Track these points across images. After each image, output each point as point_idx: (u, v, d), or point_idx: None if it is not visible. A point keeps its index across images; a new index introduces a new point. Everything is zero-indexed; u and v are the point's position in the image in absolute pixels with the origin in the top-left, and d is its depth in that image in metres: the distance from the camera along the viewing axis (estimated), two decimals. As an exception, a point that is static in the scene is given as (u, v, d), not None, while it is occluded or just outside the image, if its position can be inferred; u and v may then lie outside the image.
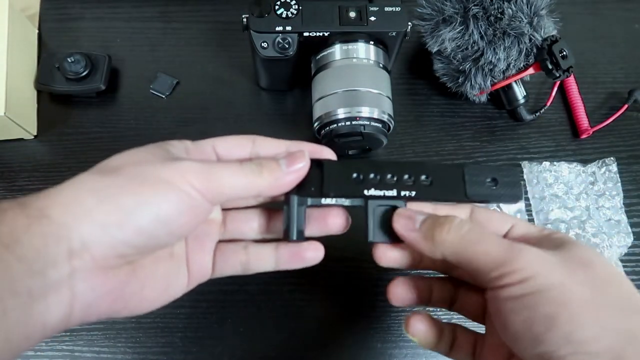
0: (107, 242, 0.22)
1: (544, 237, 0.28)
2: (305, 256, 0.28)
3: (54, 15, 0.52)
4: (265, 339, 0.42)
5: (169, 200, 0.23)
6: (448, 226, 0.27)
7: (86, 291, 0.22)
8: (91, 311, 0.23)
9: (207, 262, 0.29)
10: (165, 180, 0.23)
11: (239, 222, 0.30)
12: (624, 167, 0.49)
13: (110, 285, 0.23)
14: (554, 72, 0.44)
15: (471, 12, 0.43)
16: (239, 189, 0.25)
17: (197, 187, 0.23)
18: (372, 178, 0.28)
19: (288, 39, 0.42)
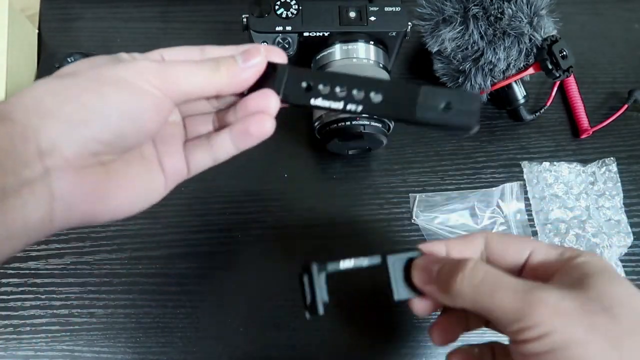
0: (76, 140, 0.22)
1: (564, 263, 0.26)
2: (250, 130, 0.27)
3: (54, 15, 0.52)
4: (265, 339, 0.42)
5: (131, 97, 0.23)
6: (461, 275, 0.26)
7: (63, 190, 0.22)
8: (72, 213, 0.23)
9: (179, 161, 0.28)
10: (124, 78, 0.23)
11: (197, 124, 0.30)
12: (624, 167, 0.49)
13: (86, 185, 0.23)
14: (554, 72, 0.44)
15: (471, 12, 0.43)
16: (197, 86, 0.25)
17: (156, 84, 0.24)
18: (321, 88, 0.27)
19: (288, 39, 0.42)
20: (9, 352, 0.41)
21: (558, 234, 0.47)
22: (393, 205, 0.47)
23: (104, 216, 0.25)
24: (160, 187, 0.28)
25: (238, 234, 0.45)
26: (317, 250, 0.45)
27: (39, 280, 0.43)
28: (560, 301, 0.23)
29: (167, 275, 0.44)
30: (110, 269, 0.43)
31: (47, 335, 0.41)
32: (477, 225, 0.46)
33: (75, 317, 0.42)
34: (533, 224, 0.47)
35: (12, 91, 0.43)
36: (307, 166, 0.48)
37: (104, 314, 0.42)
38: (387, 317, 0.43)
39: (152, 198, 0.27)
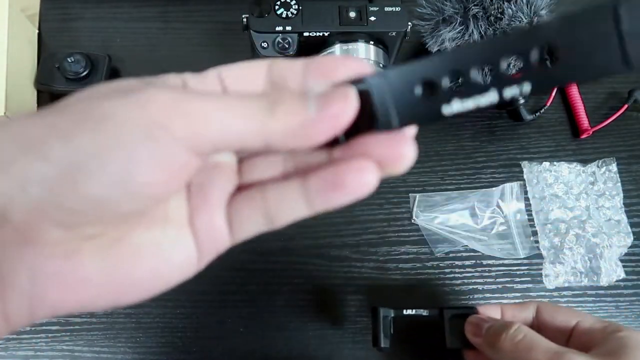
0: (28, 204, 0.15)
1: (607, 335, 0.30)
2: (346, 180, 0.17)
3: (54, 15, 0.52)
4: (265, 339, 0.42)
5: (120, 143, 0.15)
6: (505, 334, 0.30)
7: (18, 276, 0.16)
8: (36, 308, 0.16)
9: (218, 222, 0.19)
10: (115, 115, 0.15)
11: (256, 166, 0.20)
12: (624, 167, 0.49)
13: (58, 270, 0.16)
14: (554, 72, 0.44)
15: (471, 12, 0.43)
16: (234, 134, 0.16)
17: (168, 125, 0.15)
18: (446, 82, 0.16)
19: (288, 39, 0.42)
20: (9, 352, 0.41)
21: (558, 234, 0.47)
22: (393, 205, 0.47)
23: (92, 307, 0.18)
24: (191, 258, 0.19)
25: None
26: (317, 250, 0.45)
27: (39, 280, 0.43)
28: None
29: (167, 275, 0.43)
30: (110, 269, 0.43)
31: (47, 335, 0.41)
32: (477, 225, 0.46)
33: (75, 317, 0.42)
34: (533, 224, 0.47)
35: (12, 91, 0.43)
36: (307, 166, 0.48)
37: (104, 314, 0.42)
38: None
39: (179, 275, 0.19)
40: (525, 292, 0.45)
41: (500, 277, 0.45)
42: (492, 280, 0.45)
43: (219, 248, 0.19)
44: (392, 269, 0.45)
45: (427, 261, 0.45)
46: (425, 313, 0.37)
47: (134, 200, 0.16)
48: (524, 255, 0.46)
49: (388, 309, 0.37)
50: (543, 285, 0.45)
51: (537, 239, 0.47)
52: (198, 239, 0.19)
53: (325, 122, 0.16)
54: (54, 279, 0.16)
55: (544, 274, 0.46)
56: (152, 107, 0.15)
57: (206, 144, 0.16)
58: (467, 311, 0.36)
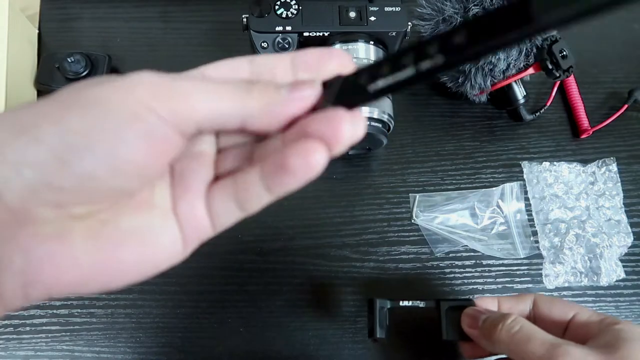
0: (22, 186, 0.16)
1: (603, 328, 0.30)
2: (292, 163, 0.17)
3: (54, 15, 0.52)
4: (265, 339, 0.42)
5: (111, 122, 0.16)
6: (501, 325, 0.31)
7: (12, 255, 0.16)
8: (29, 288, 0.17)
9: (199, 211, 0.19)
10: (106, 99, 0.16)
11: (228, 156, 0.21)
12: (624, 167, 0.49)
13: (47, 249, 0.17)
14: (554, 72, 0.44)
15: (471, 12, 0.43)
16: (215, 113, 0.17)
17: (155, 106, 0.16)
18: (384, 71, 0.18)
19: (288, 39, 0.42)
20: (9, 352, 0.41)
21: (558, 234, 0.47)
22: (393, 205, 0.47)
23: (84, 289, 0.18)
24: (176, 246, 0.19)
25: (238, 233, 0.45)
26: (317, 250, 0.45)
27: (39, 280, 0.43)
28: (584, 356, 0.27)
29: (167, 275, 0.43)
30: (110, 269, 0.43)
31: (47, 335, 0.41)
32: (477, 225, 0.46)
33: (75, 317, 0.42)
34: (533, 224, 0.47)
35: (12, 91, 0.43)
36: (307, 166, 0.48)
37: (104, 314, 0.42)
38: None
39: (163, 263, 0.19)
40: (525, 292, 0.45)
41: (500, 277, 0.45)
42: (492, 280, 0.45)
43: (201, 236, 0.20)
44: (392, 269, 0.45)
45: (427, 261, 0.45)
46: (422, 305, 0.37)
47: (120, 178, 0.17)
48: (524, 255, 0.46)
49: (384, 300, 0.37)
50: (543, 285, 0.45)
51: (537, 239, 0.47)
52: (182, 226, 0.19)
53: (294, 102, 0.18)
54: (46, 260, 0.17)
55: (544, 274, 0.46)
56: (138, 89, 0.17)
57: (189, 123, 0.17)
58: (463, 303, 0.36)
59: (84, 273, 0.17)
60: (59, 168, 0.16)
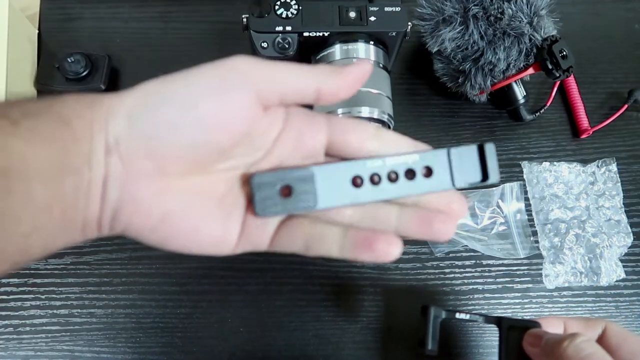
0: (132, 136, 0.20)
1: None
2: (376, 246, 0.22)
3: (54, 15, 0.52)
4: (265, 339, 0.42)
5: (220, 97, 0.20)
6: (567, 342, 0.27)
7: (123, 199, 0.20)
8: (120, 220, 0.21)
9: (269, 229, 0.24)
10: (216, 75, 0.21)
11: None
12: (624, 167, 0.49)
13: (139, 195, 0.21)
14: (554, 72, 0.44)
15: (471, 12, 0.43)
16: (296, 83, 0.22)
17: (246, 71, 0.21)
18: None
19: (288, 39, 0.42)
20: (9, 352, 0.41)
21: (558, 234, 0.47)
22: (393, 205, 0.47)
23: (151, 238, 0.22)
24: (230, 239, 0.23)
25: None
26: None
27: (39, 280, 0.43)
28: None
29: (167, 275, 0.44)
30: (110, 269, 0.43)
31: (47, 335, 0.41)
32: (477, 226, 0.46)
33: (75, 317, 0.42)
34: (533, 224, 0.47)
35: (12, 91, 0.43)
36: (307, 166, 0.48)
37: (104, 314, 0.42)
38: (389, 318, 0.43)
39: (216, 248, 0.23)
40: (525, 292, 0.45)
41: (500, 277, 0.45)
42: (492, 280, 0.45)
43: (255, 247, 0.24)
44: (392, 269, 0.45)
45: (427, 261, 0.45)
46: (481, 320, 0.35)
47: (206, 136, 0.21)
48: (524, 255, 0.46)
49: (439, 309, 0.35)
50: (543, 285, 0.45)
51: (537, 239, 0.47)
52: (243, 230, 0.23)
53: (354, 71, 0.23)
54: (131, 201, 0.21)
55: (544, 274, 0.46)
56: (235, 60, 0.21)
57: (273, 93, 0.22)
58: (527, 324, 0.33)
59: (151, 222, 0.21)
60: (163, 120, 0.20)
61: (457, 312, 0.35)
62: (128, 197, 0.20)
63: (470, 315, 0.35)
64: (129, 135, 0.20)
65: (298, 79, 0.22)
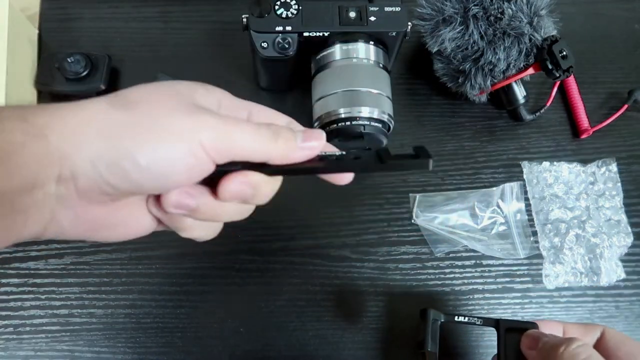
0: (93, 179, 0.21)
1: None
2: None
3: (54, 15, 0.52)
4: (265, 339, 0.42)
5: (171, 157, 0.22)
6: (563, 348, 0.28)
7: (64, 217, 0.22)
8: (63, 233, 0.23)
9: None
10: (176, 133, 0.21)
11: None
12: (624, 167, 0.49)
13: (85, 217, 0.23)
14: (554, 72, 0.44)
15: (471, 12, 0.43)
16: (248, 152, 0.23)
17: (208, 148, 0.22)
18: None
19: (288, 39, 0.42)
20: (9, 352, 0.41)
21: (558, 234, 0.47)
22: (393, 205, 0.47)
23: (90, 239, 0.25)
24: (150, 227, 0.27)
25: (237, 234, 0.45)
26: (317, 250, 0.45)
27: (39, 280, 0.43)
28: None
29: (167, 275, 0.44)
30: (110, 269, 0.43)
31: (47, 335, 0.41)
32: (477, 226, 0.46)
33: (75, 317, 0.42)
34: (533, 224, 0.47)
35: (12, 91, 0.43)
36: (307, 166, 0.48)
37: (104, 314, 0.42)
38: (389, 319, 0.43)
39: (144, 231, 0.27)
40: (525, 292, 0.45)
41: (500, 277, 0.45)
42: (492, 280, 0.45)
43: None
44: (392, 269, 0.45)
45: (427, 261, 0.45)
46: (479, 322, 0.35)
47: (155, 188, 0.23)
48: (524, 255, 0.46)
49: (438, 312, 0.36)
50: (543, 285, 0.45)
51: (537, 239, 0.47)
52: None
53: (303, 151, 0.25)
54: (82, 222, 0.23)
55: (544, 274, 0.46)
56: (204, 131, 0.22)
57: (228, 157, 0.23)
58: (525, 325, 0.34)
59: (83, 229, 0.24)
60: (123, 176, 0.21)
61: (455, 315, 0.36)
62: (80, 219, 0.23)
63: (468, 318, 0.35)
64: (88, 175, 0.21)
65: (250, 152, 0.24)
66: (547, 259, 0.46)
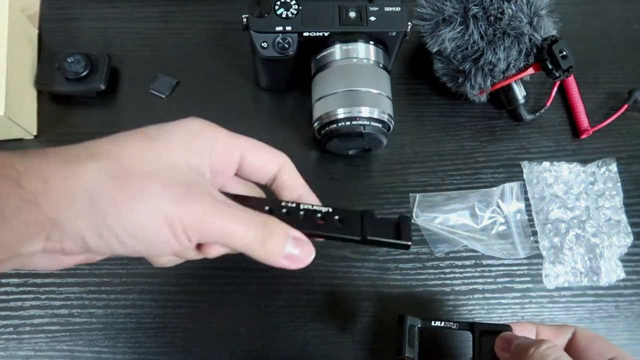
0: (79, 244, 0.22)
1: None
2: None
3: (54, 15, 0.52)
4: (265, 338, 0.42)
5: (156, 243, 0.23)
6: (533, 349, 0.29)
7: (44, 264, 0.23)
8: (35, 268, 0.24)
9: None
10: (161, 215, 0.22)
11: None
12: (624, 167, 0.49)
13: (65, 262, 0.24)
14: (554, 72, 0.44)
15: (471, 12, 0.43)
16: (231, 245, 0.25)
17: (193, 240, 0.23)
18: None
19: (288, 39, 0.42)
20: (9, 352, 0.41)
21: (558, 234, 0.47)
22: (393, 205, 0.47)
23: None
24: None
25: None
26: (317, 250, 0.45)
27: (39, 280, 0.43)
28: None
29: (167, 275, 0.44)
30: (110, 269, 0.43)
31: (47, 335, 0.41)
32: (477, 225, 0.46)
33: (75, 317, 0.42)
34: (533, 224, 0.47)
35: (12, 91, 0.43)
36: (307, 166, 0.48)
37: (104, 314, 0.42)
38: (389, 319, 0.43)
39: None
40: (525, 292, 0.45)
41: (500, 277, 0.45)
42: (492, 280, 0.45)
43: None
44: (392, 269, 0.45)
45: (427, 261, 0.45)
46: (455, 326, 0.36)
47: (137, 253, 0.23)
48: (524, 255, 0.46)
49: (415, 318, 0.37)
50: (543, 285, 0.45)
51: (537, 239, 0.47)
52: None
53: (286, 260, 0.25)
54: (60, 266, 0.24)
55: (544, 274, 0.46)
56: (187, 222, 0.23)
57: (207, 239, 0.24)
58: (499, 328, 0.35)
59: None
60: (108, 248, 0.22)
61: (432, 320, 0.37)
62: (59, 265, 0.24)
63: (444, 323, 0.36)
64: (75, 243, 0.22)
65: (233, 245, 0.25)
66: (547, 259, 0.46)
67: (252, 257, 0.25)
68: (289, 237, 0.25)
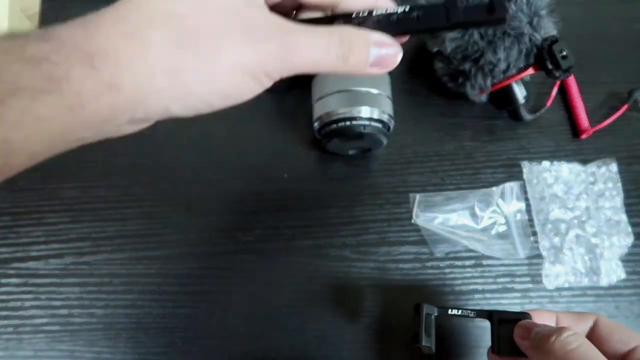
0: (164, 115, 0.23)
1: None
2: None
3: (54, 15, 0.52)
4: (265, 339, 0.42)
5: (237, 91, 0.24)
6: (554, 337, 0.28)
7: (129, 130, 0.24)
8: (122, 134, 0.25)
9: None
10: (241, 69, 0.23)
11: None
12: (624, 167, 0.49)
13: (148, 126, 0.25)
14: (554, 72, 0.44)
15: (471, 12, 0.43)
16: (315, 72, 0.25)
17: (273, 76, 0.24)
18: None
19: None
20: (9, 352, 0.41)
21: (558, 234, 0.47)
22: (393, 205, 0.47)
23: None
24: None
25: (238, 234, 0.45)
26: (317, 250, 0.45)
27: (39, 280, 0.43)
28: None
29: (167, 275, 0.44)
30: (110, 269, 0.43)
31: (47, 335, 0.41)
32: (477, 226, 0.46)
33: (75, 317, 0.42)
34: (533, 224, 0.47)
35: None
36: (307, 166, 0.48)
37: (104, 314, 0.42)
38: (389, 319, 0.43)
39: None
40: (525, 292, 0.45)
41: (500, 277, 0.45)
42: (492, 280, 0.45)
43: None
44: (392, 269, 0.45)
45: (427, 261, 0.45)
46: (472, 315, 0.35)
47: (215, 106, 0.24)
48: (524, 255, 0.46)
49: (432, 307, 0.36)
50: (543, 285, 0.45)
51: (537, 239, 0.47)
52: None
53: (380, 69, 0.25)
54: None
55: (544, 274, 0.45)
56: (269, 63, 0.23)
57: (288, 74, 0.24)
58: (518, 316, 0.34)
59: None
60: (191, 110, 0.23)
61: (449, 309, 0.36)
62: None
63: (462, 311, 0.35)
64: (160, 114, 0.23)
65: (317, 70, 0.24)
66: (547, 259, 0.46)
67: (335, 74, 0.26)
68: (371, 44, 0.24)
